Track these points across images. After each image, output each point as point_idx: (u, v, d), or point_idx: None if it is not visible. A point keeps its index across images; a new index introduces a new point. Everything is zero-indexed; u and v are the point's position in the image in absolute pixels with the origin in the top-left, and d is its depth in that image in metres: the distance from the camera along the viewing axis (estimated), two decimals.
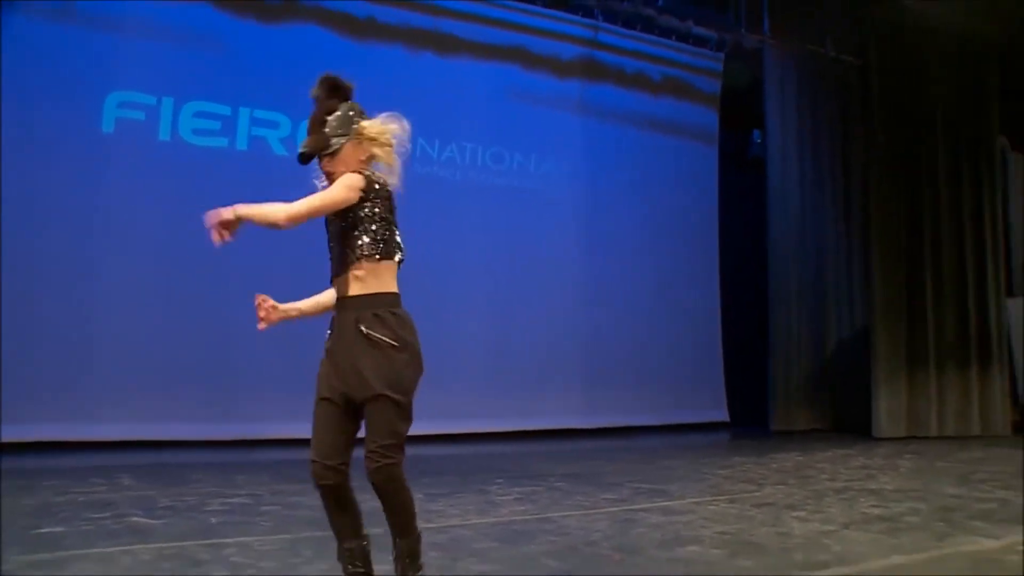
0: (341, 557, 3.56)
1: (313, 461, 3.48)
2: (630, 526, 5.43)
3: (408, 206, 10.88)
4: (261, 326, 3.47)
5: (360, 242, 3.41)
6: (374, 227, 3.42)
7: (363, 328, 3.35)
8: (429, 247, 11.13)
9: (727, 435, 12.11)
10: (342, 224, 3.44)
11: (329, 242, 3.55)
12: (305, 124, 3.65)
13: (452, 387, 10.91)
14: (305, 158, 3.53)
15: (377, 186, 3.46)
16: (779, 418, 11.96)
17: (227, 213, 3.19)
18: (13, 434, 8.84)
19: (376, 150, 3.54)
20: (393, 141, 3.59)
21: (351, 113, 3.55)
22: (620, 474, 7.84)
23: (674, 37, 12.66)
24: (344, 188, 3.37)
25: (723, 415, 12.94)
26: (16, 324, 9.08)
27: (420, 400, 3.51)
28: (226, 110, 10.49)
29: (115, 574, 4.21)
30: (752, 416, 12.26)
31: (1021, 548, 4.64)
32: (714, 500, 6.39)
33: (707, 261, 13.20)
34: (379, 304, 3.42)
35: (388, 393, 3.34)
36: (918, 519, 5.51)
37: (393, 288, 3.50)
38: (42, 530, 5.31)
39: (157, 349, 9.75)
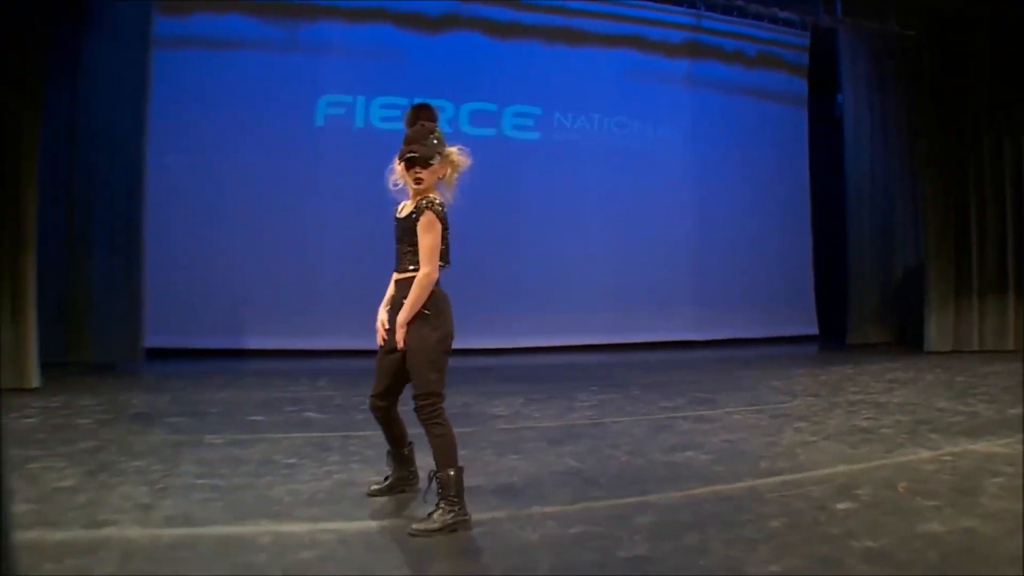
0: (385, 457, 4.08)
1: (370, 396, 3.91)
2: (659, 432, 5.54)
3: (550, 166, 11.33)
4: (380, 342, 3.75)
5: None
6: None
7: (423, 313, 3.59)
8: (567, 198, 11.50)
9: (813, 348, 11.80)
10: (412, 239, 3.64)
11: (396, 243, 3.76)
12: (416, 123, 3.68)
13: (583, 308, 11.34)
14: (415, 160, 3.61)
15: (443, 215, 3.62)
16: (854, 333, 11.59)
17: (399, 336, 3.57)
18: (260, 343, 10.06)
19: (451, 172, 3.70)
20: (460, 171, 3.73)
21: (441, 137, 3.66)
22: (690, 384, 7.84)
23: (766, 21, 12.19)
24: (434, 232, 3.58)
25: (814, 329, 12.70)
26: (263, 266, 10.20)
27: (559, 317, 3.82)
28: (403, 101, 11.04)
29: (274, 456, 4.80)
30: (837, 331, 11.98)
31: (948, 459, 4.55)
32: (745, 410, 6.39)
33: (799, 203, 12.77)
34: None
35: (420, 352, 3.60)
36: (890, 431, 5.38)
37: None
38: (250, 417, 6.14)
39: (362, 281, 10.62)
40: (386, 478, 4.09)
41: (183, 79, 9.85)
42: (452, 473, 3.52)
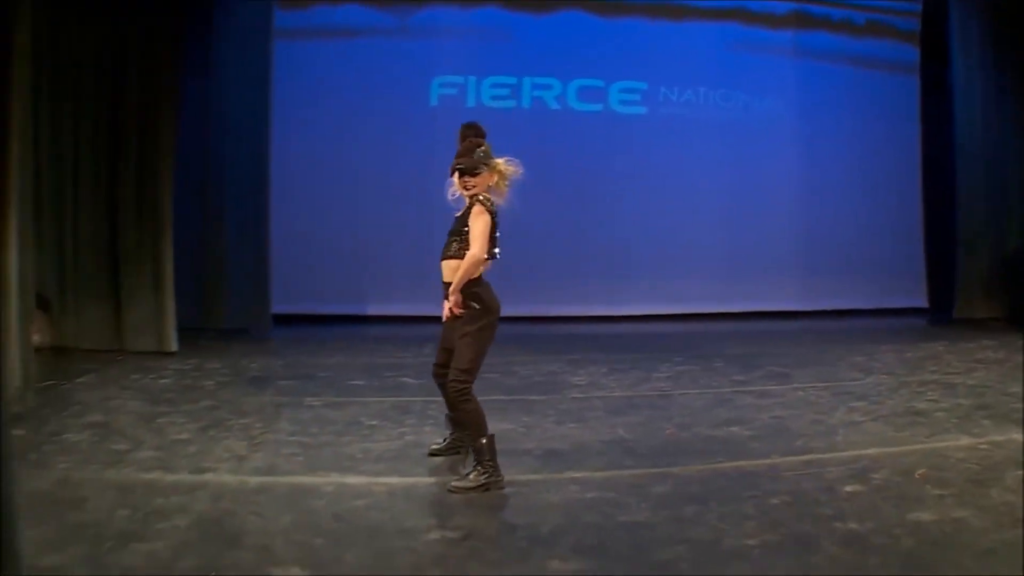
0: (444, 420, 4.67)
1: (433, 364, 4.49)
2: (718, 406, 5.88)
3: (657, 139, 11.57)
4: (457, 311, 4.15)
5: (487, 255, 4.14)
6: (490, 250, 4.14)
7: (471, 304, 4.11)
8: (673, 170, 11.76)
9: (919, 321, 11.53)
10: (463, 231, 4.16)
11: (448, 236, 4.26)
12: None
13: (689, 277, 11.63)
14: (461, 172, 4.16)
15: (492, 209, 4.14)
16: (961, 308, 11.16)
17: (453, 302, 4.08)
18: (376, 310, 10.97)
19: (499, 180, 4.22)
20: (509, 179, 4.24)
21: (488, 150, 4.20)
22: (774, 357, 7.98)
23: None
24: (483, 220, 4.08)
25: (923, 302, 12.35)
26: (380, 237, 11.04)
27: (664, 286, 4.47)
28: (512, 80, 11.63)
29: (360, 418, 5.51)
30: (946, 305, 11.56)
31: (984, 448, 4.62)
32: (813, 386, 6.56)
33: (909, 172, 12.38)
34: (473, 284, 4.15)
35: (465, 337, 4.13)
36: (943, 415, 5.47)
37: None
38: (351, 381, 6.88)
39: None
40: (445, 439, 4.70)
41: (303, 68, 10.71)
42: (484, 441, 4.06)
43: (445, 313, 4.27)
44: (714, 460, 4.58)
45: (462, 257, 4.13)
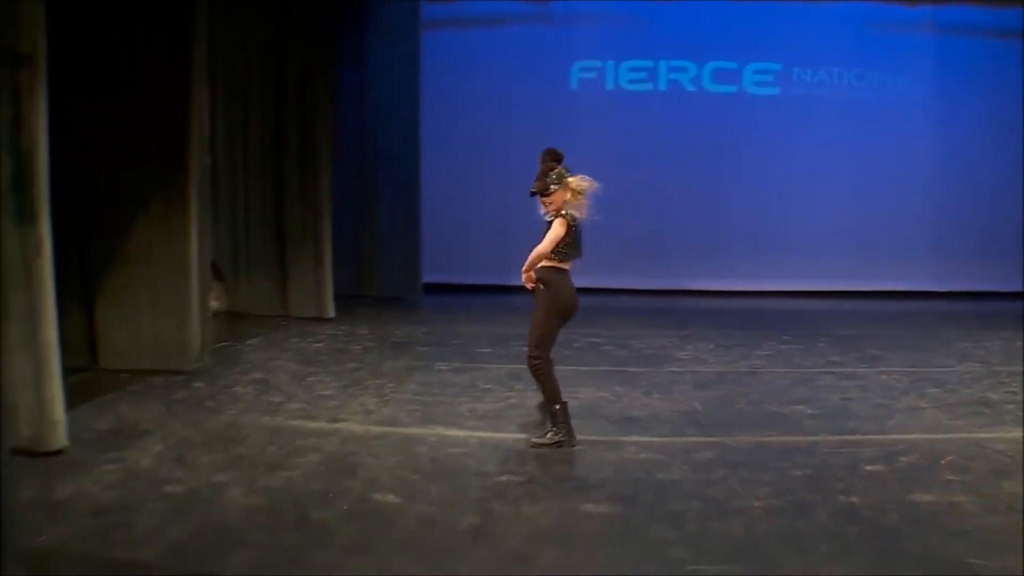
0: None
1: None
2: (798, 385, 6.47)
3: (791, 119, 11.99)
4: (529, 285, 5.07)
5: (556, 258, 4.96)
6: (561, 245, 4.94)
7: (541, 286, 5.03)
8: (807, 150, 12.08)
9: None
10: (543, 235, 4.98)
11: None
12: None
13: (818, 252, 11.98)
14: (535, 194, 4.98)
15: (572, 225, 4.92)
16: None
17: (525, 278, 4.99)
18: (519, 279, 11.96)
19: (572, 197, 4.95)
20: (584, 193, 4.94)
21: (560, 172, 4.93)
22: (878, 339, 8.41)
23: None
24: (557, 230, 4.85)
25: None
26: (522, 213, 11.99)
27: (789, 261, 8.17)
28: (649, 64, 12.25)
29: (476, 382, 6.52)
30: None
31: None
32: (898, 370, 6.99)
33: None
34: (548, 273, 4.99)
35: (536, 317, 5.01)
36: (1012, 407, 5.71)
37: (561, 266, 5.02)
38: (479, 349, 7.93)
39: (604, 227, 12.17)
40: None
41: (450, 56, 11.83)
42: (557, 407, 4.95)
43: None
44: (764, 434, 5.26)
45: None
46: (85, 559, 3.37)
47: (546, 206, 5.00)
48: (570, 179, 4.98)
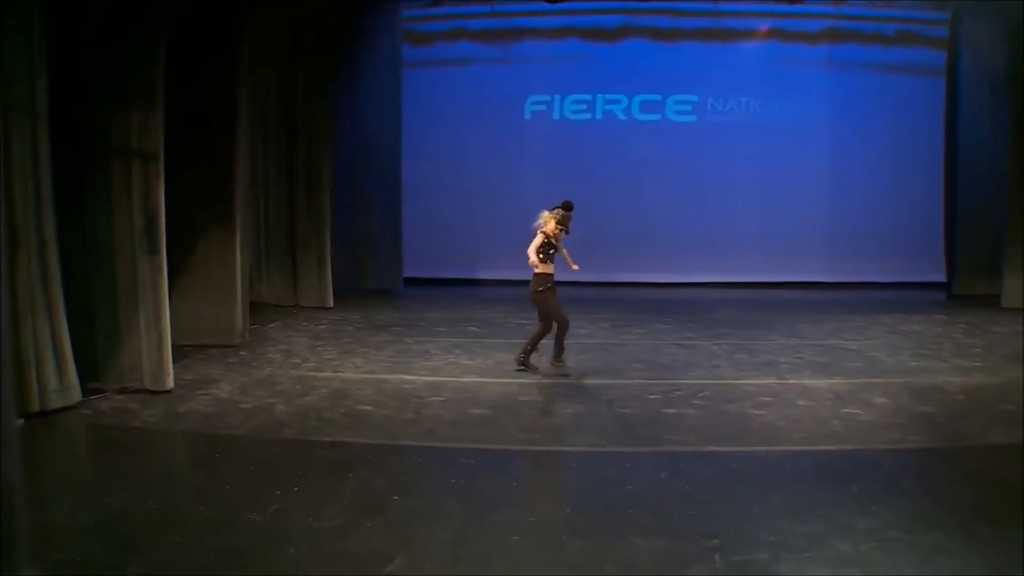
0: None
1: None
2: (649, 352, 9.90)
3: (706, 142, 15.78)
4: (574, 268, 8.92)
5: (541, 255, 8.45)
6: (542, 253, 8.44)
7: (539, 289, 8.56)
8: (720, 168, 15.55)
9: (939, 295, 14.59)
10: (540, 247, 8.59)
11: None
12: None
13: (728, 250, 15.45)
14: (537, 231, 8.61)
15: (550, 238, 8.44)
16: (960, 284, 14.21)
17: (531, 260, 8.48)
18: (487, 274, 15.55)
19: (553, 224, 8.47)
20: (553, 225, 8.48)
21: (556, 214, 8.52)
22: (736, 321, 11.81)
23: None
24: (537, 240, 8.37)
25: (941, 277, 15.34)
26: (489, 217, 15.55)
27: (703, 258, 12.94)
28: (588, 97, 15.74)
29: (429, 350, 10.07)
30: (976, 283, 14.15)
31: (775, 387, 8.55)
32: (724, 342, 10.35)
33: (932, 160, 15.43)
34: (541, 276, 8.52)
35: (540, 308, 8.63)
36: (784, 366, 9.35)
37: (548, 271, 8.55)
38: (436, 328, 11.45)
39: None
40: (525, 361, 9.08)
41: (426, 90, 15.34)
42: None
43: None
44: (600, 379, 8.75)
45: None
46: (201, 436, 6.82)
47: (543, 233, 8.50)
48: (550, 215, 8.51)
